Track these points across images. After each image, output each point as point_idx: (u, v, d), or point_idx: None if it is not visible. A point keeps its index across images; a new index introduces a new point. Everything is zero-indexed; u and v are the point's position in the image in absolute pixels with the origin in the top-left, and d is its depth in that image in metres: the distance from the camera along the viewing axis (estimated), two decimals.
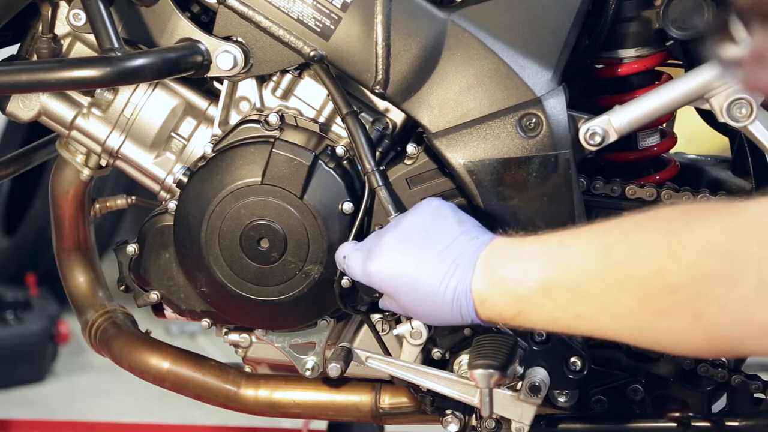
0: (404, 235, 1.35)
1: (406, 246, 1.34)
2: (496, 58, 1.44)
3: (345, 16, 1.46)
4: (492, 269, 1.28)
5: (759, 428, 1.51)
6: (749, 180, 1.57)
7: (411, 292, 1.33)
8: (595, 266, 1.19)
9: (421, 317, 1.39)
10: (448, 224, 1.35)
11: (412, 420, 1.62)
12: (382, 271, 1.34)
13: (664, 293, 1.13)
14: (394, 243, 1.35)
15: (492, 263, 1.29)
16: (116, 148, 1.57)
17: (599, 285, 1.19)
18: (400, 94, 1.46)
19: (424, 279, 1.31)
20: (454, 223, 1.35)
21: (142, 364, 1.64)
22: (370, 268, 1.35)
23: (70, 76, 1.40)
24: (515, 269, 1.26)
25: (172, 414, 3.02)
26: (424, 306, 1.33)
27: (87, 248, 1.74)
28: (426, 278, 1.31)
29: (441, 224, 1.35)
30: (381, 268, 1.34)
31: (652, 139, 1.58)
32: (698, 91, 1.43)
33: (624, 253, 1.17)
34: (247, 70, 1.50)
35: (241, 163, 1.47)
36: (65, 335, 3.41)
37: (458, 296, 1.30)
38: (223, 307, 1.53)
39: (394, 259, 1.34)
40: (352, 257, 1.39)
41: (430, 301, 1.32)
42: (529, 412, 1.45)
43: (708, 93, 1.43)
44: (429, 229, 1.35)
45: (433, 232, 1.34)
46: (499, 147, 1.43)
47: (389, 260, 1.34)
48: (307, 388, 1.62)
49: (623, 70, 1.54)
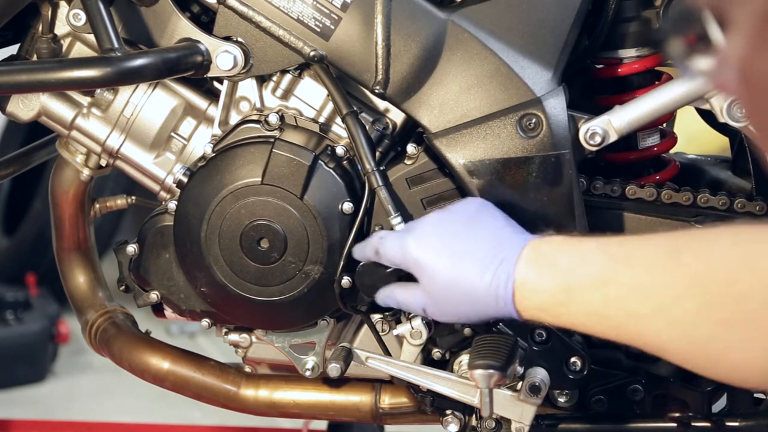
0: (449, 216, 1.34)
1: (451, 224, 1.32)
2: (496, 58, 1.44)
3: (345, 16, 1.46)
4: (542, 254, 1.25)
5: (759, 428, 1.50)
6: (749, 180, 1.57)
7: (447, 270, 1.30)
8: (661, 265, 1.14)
9: (449, 308, 1.33)
10: (495, 215, 1.35)
11: (412, 420, 1.62)
12: (422, 243, 1.32)
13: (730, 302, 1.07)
14: (437, 221, 1.34)
15: (543, 249, 1.25)
16: (116, 148, 1.57)
17: (661, 285, 1.13)
18: (400, 94, 1.46)
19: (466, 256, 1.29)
20: (501, 216, 1.35)
21: (142, 364, 1.64)
22: (409, 241, 1.33)
23: (70, 76, 1.40)
24: (569, 257, 1.22)
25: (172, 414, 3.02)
26: (457, 286, 1.29)
27: (87, 248, 1.73)
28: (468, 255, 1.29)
29: (488, 214, 1.34)
30: (422, 241, 1.32)
31: (652, 139, 1.58)
32: (698, 91, 1.43)
33: (693, 257, 1.11)
34: (247, 70, 1.50)
35: (241, 163, 1.47)
36: (65, 335, 3.41)
37: (498, 276, 1.26)
38: (223, 307, 1.53)
39: (435, 234, 1.32)
40: (390, 235, 1.37)
41: (466, 281, 1.28)
42: (529, 412, 1.45)
43: (708, 93, 1.43)
44: (475, 215, 1.34)
45: (480, 219, 1.33)
46: (499, 147, 1.43)
47: (431, 233, 1.32)
48: (307, 388, 1.62)
49: (623, 70, 1.54)
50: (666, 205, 1.51)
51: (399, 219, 1.43)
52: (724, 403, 1.56)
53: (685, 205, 1.51)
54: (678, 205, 1.51)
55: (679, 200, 1.51)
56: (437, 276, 1.31)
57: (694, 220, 1.49)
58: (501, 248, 1.27)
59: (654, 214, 1.50)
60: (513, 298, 1.26)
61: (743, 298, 1.06)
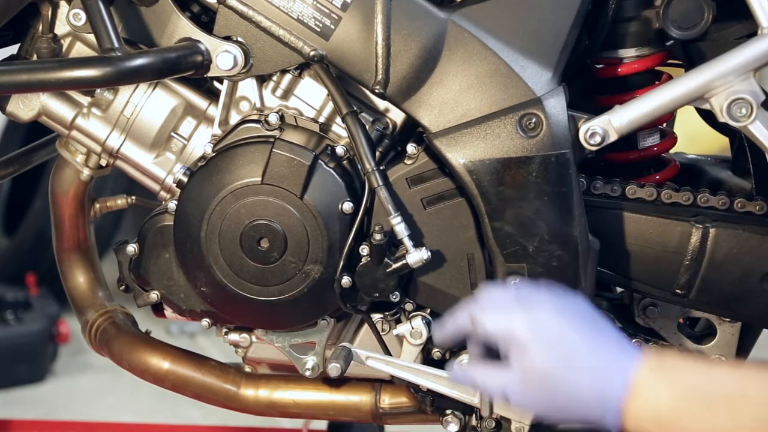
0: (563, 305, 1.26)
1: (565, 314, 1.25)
2: (496, 58, 1.44)
3: (345, 16, 1.46)
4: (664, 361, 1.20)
5: None
6: (749, 180, 1.57)
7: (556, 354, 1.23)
8: None
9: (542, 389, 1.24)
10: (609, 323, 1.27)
11: (412, 420, 1.62)
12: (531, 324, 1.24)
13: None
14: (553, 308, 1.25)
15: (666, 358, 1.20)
16: (116, 148, 1.57)
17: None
18: (400, 94, 1.46)
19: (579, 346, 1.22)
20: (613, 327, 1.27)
21: (142, 364, 1.64)
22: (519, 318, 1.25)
23: (70, 76, 1.40)
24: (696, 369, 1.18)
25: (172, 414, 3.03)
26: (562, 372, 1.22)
27: (87, 248, 1.74)
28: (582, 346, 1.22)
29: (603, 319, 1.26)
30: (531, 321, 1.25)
31: (652, 139, 1.58)
32: (698, 91, 1.43)
33: None
34: (247, 69, 1.50)
35: (241, 162, 1.47)
36: (65, 335, 3.41)
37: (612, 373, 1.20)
38: (223, 306, 1.53)
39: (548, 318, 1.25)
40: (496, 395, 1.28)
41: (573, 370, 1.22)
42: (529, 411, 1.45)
43: (708, 93, 1.43)
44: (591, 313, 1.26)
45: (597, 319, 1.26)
46: (499, 147, 1.43)
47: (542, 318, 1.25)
48: (307, 388, 1.62)
49: (623, 70, 1.54)
50: (666, 204, 1.51)
51: (399, 219, 1.43)
52: None
53: (685, 205, 1.51)
54: (678, 204, 1.51)
55: (679, 200, 1.51)
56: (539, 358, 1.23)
57: (694, 219, 1.49)
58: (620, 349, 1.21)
59: (654, 214, 1.50)
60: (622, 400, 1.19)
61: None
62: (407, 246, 1.43)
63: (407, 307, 1.51)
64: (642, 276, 1.51)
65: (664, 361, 1.20)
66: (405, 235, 1.43)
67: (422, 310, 1.51)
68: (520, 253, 1.44)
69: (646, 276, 1.51)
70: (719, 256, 1.49)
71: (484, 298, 1.31)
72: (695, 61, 1.49)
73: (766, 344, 1.65)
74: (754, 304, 1.50)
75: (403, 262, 1.43)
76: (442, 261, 1.48)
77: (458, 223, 1.47)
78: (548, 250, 1.43)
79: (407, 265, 1.43)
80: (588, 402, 1.20)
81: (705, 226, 1.48)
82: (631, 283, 1.52)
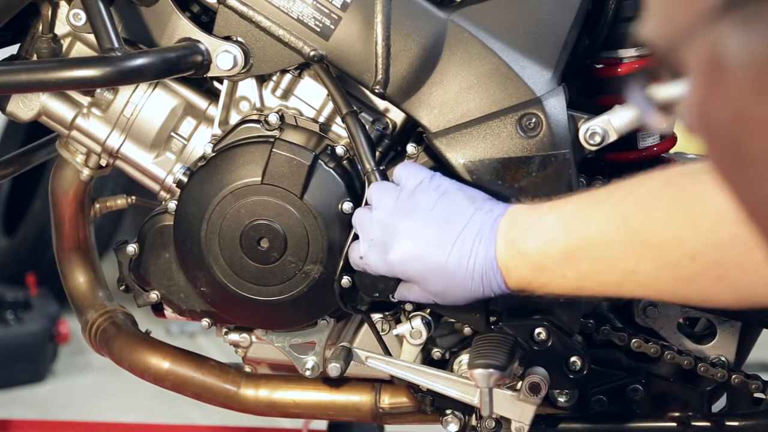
0: (419, 221, 1.36)
1: (425, 232, 1.35)
2: (496, 58, 1.44)
3: (345, 16, 1.46)
4: (513, 242, 1.30)
5: (759, 428, 1.50)
6: None
7: (437, 276, 1.35)
8: (614, 236, 1.22)
9: (450, 298, 1.38)
10: (460, 203, 1.37)
11: (412, 420, 1.62)
12: (405, 260, 1.36)
13: (683, 261, 1.16)
14: (410, 230, 1.36)
15: (512, 236, 1.31)
16: (116, 148, 1.57)
17: (620, 255, 1.22)
18: (400, 94, 1.46)
19: (449, 261, 1.33)
20: (465, 201, 1.37)
21: (142, 364, 1.64)
22: (392, 259, 1.37)
23: (70, 76, 1.40)
24: (536, 241, 1.28)
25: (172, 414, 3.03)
26: (453, 286, 1.34)
27: (87, 248, 1.73)
28: (451, 259, 1.33)
29: (453, 204, 1.36)
30: (404, 258, 1.36)
31: (652, 139, 1.57)
32: None
33: (641, 222, 1.19)
34: (247, 69, 1.50)
35: (241, 162, 1.47)
36: (65, 335, 3.41)
37: (486, 270, 1.31)
38: (223, 306, 1.53)
39: (415, 248, 1.35)
40: (370, 255, 1.39)
41: (458, 281, 1.33)
42: (529, 411, 1.45)
43: None
44: (442, 213, 1.36)
45: (447, 213, 1.36)
46: (499, 147, 1.43)
47: (410, 249, 1.35)
48: (307, 388, 1.62)
49: (623, 70, 1.54)
50: None
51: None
52: (724, 403, 1.56)
53: None
54: None
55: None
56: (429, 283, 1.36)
57: None
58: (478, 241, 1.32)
59: None
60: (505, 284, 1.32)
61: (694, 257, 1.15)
62: None
63: (407, 307, 1.51)
64: None
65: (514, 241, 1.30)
66: None
67: (422, 310, 1.51)
68: None
69: None
70: None
71: None
72: None
73: (766, 344, 1.65)
74: None
75: None
76: None
77: None
78: None
79: None
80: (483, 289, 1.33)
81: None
82: None
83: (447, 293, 1.37)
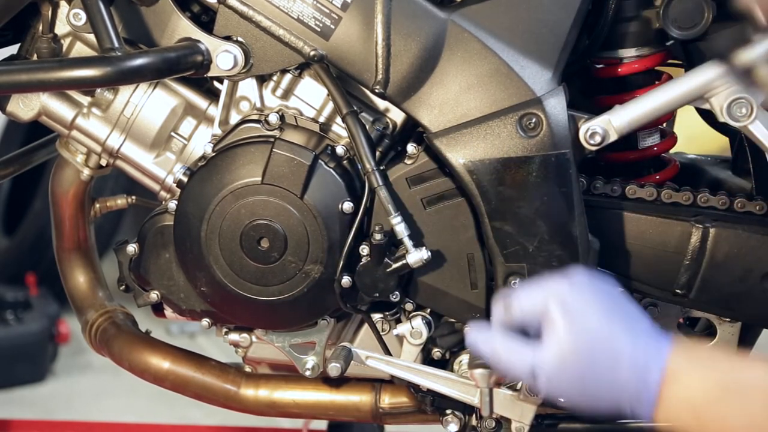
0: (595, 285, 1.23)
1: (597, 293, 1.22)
2: (496, 58, 1.44)
3: (345, 16, 1.46)
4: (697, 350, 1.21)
5: None
6: (749, 180, 1.57)
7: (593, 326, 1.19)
8: None
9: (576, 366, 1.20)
10: None
11: (412, 420, 1.62)
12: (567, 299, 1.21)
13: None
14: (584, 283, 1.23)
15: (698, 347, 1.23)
16: (116, 148, 1.57)
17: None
18: (400, 94, 1.46)
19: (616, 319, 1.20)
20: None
21: (142, 364, 1.64)
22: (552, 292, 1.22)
23: (70, 76, 1.40)
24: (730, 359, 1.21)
25: (172, 414, 3.03)
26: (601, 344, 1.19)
27: (87, 248, 1.74)
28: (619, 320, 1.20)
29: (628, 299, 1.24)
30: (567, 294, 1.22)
31: (652, 139, 1.58)
32: (698, 91, 1.43)
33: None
34: (248, 69, 1.50)
35: (242, 162, 1.47)
36: (65, 335, 3.41)
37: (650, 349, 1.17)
38: (223, 306, 1.53)
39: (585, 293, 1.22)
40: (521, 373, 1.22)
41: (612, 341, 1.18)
42: (529, 411, 1.45)
43: (708, 93, 1.43)
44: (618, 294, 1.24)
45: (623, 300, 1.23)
46: (499, 147, 1.43)
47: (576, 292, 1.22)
48: (307, 388, 1.62)
49: (623, 70, 1.54)
50: (666, 204, 1.51)
51: (399, 219, 1.43)
52: None
53: (685, 205, 1.51)
54: (678, 204, 1.51)
55: (679, 200, 1.51)
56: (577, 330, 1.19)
57: (694, 219, 1.49)
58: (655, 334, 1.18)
59: (654, 214, 1.50)
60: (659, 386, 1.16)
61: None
62: (407, 246, 1.43)
63: (407, 307, 1.51)
64: (642, 276, 1.51)
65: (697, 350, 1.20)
66: (405, 235, 1.43)
67: (422, 310, 1.51)
68: (520, 253, 1.44)
69: (646, 276, 1.51)
70: (719, 256, 1.49)
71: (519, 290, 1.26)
72: (695, 61, 1.49)
73: (766, 344, 1.65)
74: (754, 304, 1.50)
75: (403, 262, 1.43)
76: (442, 261, 1.48)
77: (458, 223, 1.47)
78: (548, 250, 1.43)
79: (407, 265, 1.43)
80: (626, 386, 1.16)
81: (705, 226, 1.49)
82: (631, 282, 1.52)
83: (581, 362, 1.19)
